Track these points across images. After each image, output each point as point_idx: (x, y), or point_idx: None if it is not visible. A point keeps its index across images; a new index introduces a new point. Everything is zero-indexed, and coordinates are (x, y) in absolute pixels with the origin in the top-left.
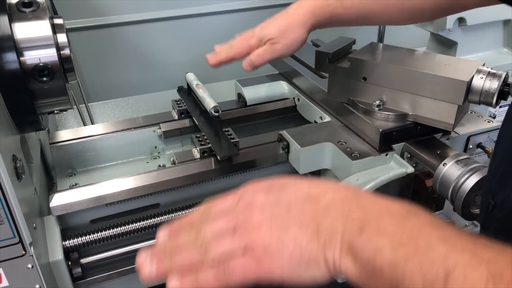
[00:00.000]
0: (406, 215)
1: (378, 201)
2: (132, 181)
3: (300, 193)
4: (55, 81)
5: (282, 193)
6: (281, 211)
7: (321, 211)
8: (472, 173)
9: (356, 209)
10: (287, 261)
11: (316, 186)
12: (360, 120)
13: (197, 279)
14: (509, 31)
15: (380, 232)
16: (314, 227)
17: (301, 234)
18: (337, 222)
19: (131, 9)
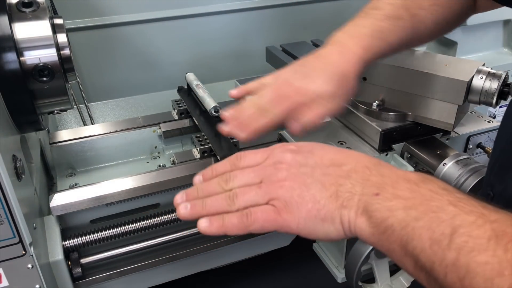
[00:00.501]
0: (421, 181)
1: (397, 170)
2: (132, 181)
3: (326, 158)
4: (55, 81)
5: (309, 155)
6: (306, 171)
7: (343, 176)
8: (472, 173)
9: (375, 176)
10: (304, 216)
11: (340, 153)
12: (360, 120)
13: (223, 222)
14: (509, 31)
15: (394, 195)
16: (334, 189)
17: (321, 194)
18: (355, 186)
19: (131, 9)
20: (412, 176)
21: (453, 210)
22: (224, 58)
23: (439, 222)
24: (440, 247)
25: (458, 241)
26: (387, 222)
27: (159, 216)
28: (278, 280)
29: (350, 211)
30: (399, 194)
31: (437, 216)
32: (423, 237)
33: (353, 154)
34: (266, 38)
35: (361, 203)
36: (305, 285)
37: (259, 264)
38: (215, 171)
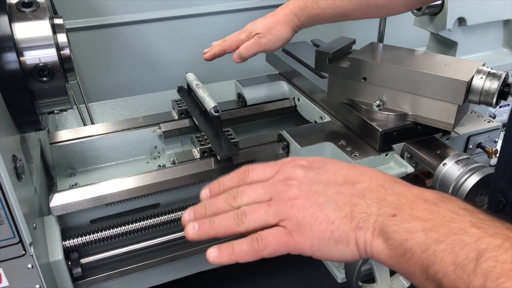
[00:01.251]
0: (440, 201)
1: (413, 188)
2: (132, 181)
3: (339, 175)
4: (55, 81)
5: (321, 172)
6: (318, 189)
7: (357, 195)
8: (472, 173)
9: (390, 195)
10: (317, 237)
11: (354, 170)
12: (360, 120)
13: (233, 250)
14: (509, 31)
15: (413, 216)
16: (348, 208)
17: (335, 214)
18: (371, 206)
19: (131, 9)
20: (430, 195)
21: (477, 232)
22: (224, 58)
23: (462, 245)
24: (465, 272)
25: (484, 266)
26: (406, 245)
27: (159, 216)
28: (278, 280)
29: (366, 232)
30: (417, 215)
31: (460, 239)
32: (446, 261)
33: (367, 170)
34: None
35: (377, 224)
36: (305, 285)
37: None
38: (222, 185)
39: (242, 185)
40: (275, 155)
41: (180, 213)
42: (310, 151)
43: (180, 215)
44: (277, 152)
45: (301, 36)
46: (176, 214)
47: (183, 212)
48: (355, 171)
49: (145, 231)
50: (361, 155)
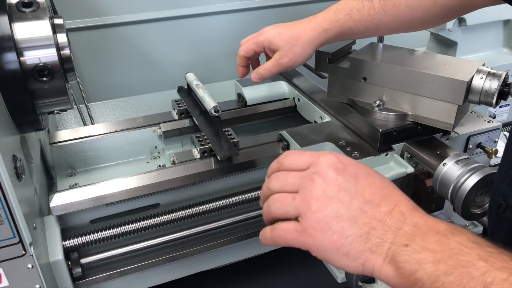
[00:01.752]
0: (450, 233)
1: (428, 219)
2: (132, 181)
3: (368, 190)
4: (55, 81)
5: (352, 181)
6: (343, 198)
7: (378, 218)
8: (472, 173)
9: (407, 225)
10: (325, 245)
11: (384, 188)
12: (360, 120)
13: (263, 234)
14: (509, 31)
15: (424, 247)
16: (366, 229)
17: (351, 230)
18: (388, 233)
19: (131, 9)
20: (442, 227)
21: (484, 266)
22: (224, 58)
23: (469, 278)
24: None
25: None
26: (416, 275)
27: (159, 216)
28: (278, 280)
29: (378, 257)
30: (428, 246)
31: (467, 272)
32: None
33: (394, 193)
34: None
35: (390, 252)
36: (305, 285)
37: (259, 264)
38: (269, 170)
39: (280, 168)
40: (275, 155)
41: (180, 213)
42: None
43: (180, 215)
44: (277, 152)
45: None
46: (176, 214)
47: (183, 212)
48: (384, 190)
49: (145, 231)
50: (361, 155)
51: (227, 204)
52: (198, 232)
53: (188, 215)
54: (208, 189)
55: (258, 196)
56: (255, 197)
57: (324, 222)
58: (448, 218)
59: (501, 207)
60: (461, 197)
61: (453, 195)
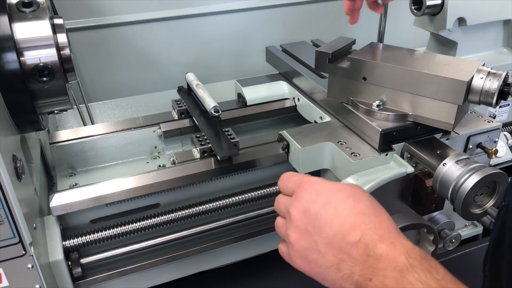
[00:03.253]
0: (406, 271)
1: (391, 250)
2: (132, 181)
3: (336, 220)
4: (55, 81)
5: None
6: (313, 231)
7: (345, 251)
8: (472, 173)
9: (372, 258)
10: (308, 271)
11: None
12: (360, 120)
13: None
14: (509, 31)
15: (383, 284)
16: (335, 261)
17: (322, 261)
18: (355, 266)
19: (131, 9)
20: (401, 263)
21: None
22: (224, 58)
23: None
24: None
25: None
26: None
27: (159, 216)
28: (278, 280)
29: (350, 285)
30: (386, 283)
31: None
32: None
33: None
34: (266, 38)
35: (358, 282)
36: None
37: (259, 264)
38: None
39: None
40: (275, 155)
41: (180, 213)
42: (310, 151)
43: (180, 215)
44: (277, 152)
45: (301, 36)
46: (176, 214)
47: (183, 212)
48: (354, 219)
49: (145, 231)
50: (361, 155)
51: (227, 204)
52: (198, 232)
53: (188, 215)
54: (208, 189)
55: (258, 196)
56: (255, 197)
57: (301, 252)
58: (448, 218)
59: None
60: (461, 197)
61: (453, 195)
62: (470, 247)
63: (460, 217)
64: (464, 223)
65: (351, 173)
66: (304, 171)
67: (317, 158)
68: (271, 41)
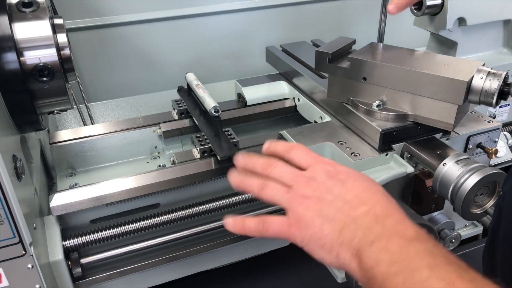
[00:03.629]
0: (414, 239)
1: (400, 224)
2: (132, 181)
3: (350, 193)
4: (55, 81)
5: (338, 184)
6: (328, 198)
7: (352, 217)
8: (472, 173)
9: (378, 225)
10: (308, 236)
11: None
12: (360, 120)
13: (244, 225)
14: (509, 31)
15: (385, 248)
16: (340, 226)
17: (329, 225)
18: (358, 231)
19: (131, 9)
20: (409, 233)
21: (427, 274)
22: (224, 58)
23: (412, 282)
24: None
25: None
26: (372, 272)
27: (159, 216)
28: (278, 280)
29: (347, 252)
30: (389, 247)
31: (412, 276)
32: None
33: (375, 196)
34: (266, 38)
35: (357, 247)
36: (305, 285)
37: (259, 264)
38: (275, 147)
39: (285, 156)
40: None
41: (180, 213)
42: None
43: (180, 215)
44: None
45: (301, 36)
46: (176, 214)
47: (183, 212)
48: (366, 194)
49: (145, 231)
50: (361, 155)
51: (227, 204)
52: (198, 232)
53: (188, 215)
54: (208, 189)
55: None
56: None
57: (310, 217)
58: (448, 218)
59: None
60: (461, 197)
61: (453, 195)
62: (470, 247)
63: (460, 217)
64: (464, 223)
65: None
66: None
67: None
68: (271, 41)
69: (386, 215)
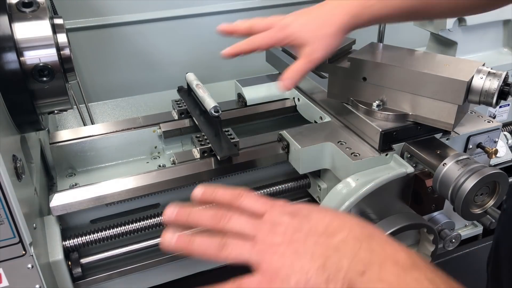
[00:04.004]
0: (410, 267)
1: (387, 246)
2: (132, 181)
3: (320, 225)
4: (55, 81)
5: (304, 220)
6: (300, 237)
7: (332, 247)
8: (472, 173)
9: (364, 251)
10: (293, 286)
11: (336, 219)
12: (360, 120)
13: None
14: (509, 31)
15: (380, 278)
16: (322, 260)
17: (310, 265)
18: (343, 260)
19: (131, 9)
20: (402, 258)
21: None
22: (224, 58)
23: None
24: None
25: None
26: None
27: (159, 216)
28: None
29: (336, 286)
30: (384, 277)
31: None
32: None
33: (348, 221)
34: None
35: (346, 280)
36: None
37: None
38: (215, 195)
39: (233, 207)
40: (275, 155)
41: None
42: (310, 151)
43: None
44: (277, 152)
45: None
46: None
47: None
48: (337, 221)
49: (145, 231)
50: (361, 155)
51: None
52: None
53: None
54: None
55: None
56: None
57: (288, 266)
58: (448, 218)
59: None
60: (461, 197)
61: (453, 195)
62: (470, 247)
63: (460, 217)
64: (464, 223)
65: (351, 173)
66: (304, 171)
67: (317, 158)
68: None
69: (367, 236)
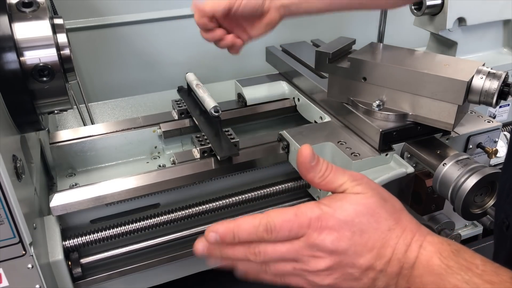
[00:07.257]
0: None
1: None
2: (132, 181)
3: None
4: (55, 81)
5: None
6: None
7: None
8: (472, 173)
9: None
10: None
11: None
12: (360, 120)
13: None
14: (509, 31)
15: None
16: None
17: (360, 284)
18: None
19: (131, 9)
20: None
21: None
22: (224, 58)
23: None
24: None
25: None
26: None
27: (159, 216)
28: None
29: None
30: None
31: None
32: None
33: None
34: (266, 38)
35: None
36: None
37: None
38: (238, 238)
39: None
40: (275, 155)
41: (180, 213)
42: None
43: (180, 215)
44: (277, 152)
45: (301, 36)
46: (176, 214)
47: (183, 212)
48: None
49: (145, 231)
50: (361, 155)
51: (227, 204)
52: (198, 232)
53: (188, 215)
54: (208, 189)
55: (258, 196)
56: (255, 197)
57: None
58: (448, 218)
59: (504, 225)
60: (461, 197)
61: (453, 195)
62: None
63: (460, 217)
64: (464, 223)
65: None
66: None
67: None
68: (271, 41)
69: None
